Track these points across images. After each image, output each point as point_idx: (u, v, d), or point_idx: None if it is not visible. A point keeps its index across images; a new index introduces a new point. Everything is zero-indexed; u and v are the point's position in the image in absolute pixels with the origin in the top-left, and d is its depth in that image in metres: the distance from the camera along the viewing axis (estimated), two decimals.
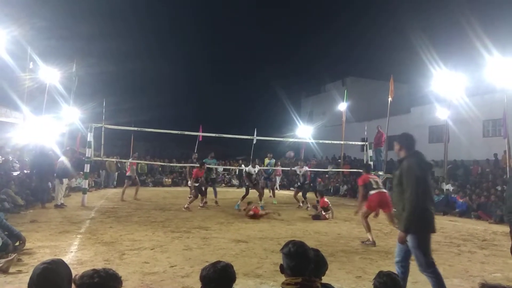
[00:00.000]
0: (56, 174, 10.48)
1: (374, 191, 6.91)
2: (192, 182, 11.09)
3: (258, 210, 9.67)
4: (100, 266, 1.99)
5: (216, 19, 60.59)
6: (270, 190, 13.70)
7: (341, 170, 18.96)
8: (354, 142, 18.29)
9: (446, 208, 12.16)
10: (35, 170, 11.00)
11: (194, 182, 10.96)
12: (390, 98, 15.41)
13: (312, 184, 13.30)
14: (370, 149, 14.88)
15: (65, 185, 10.87)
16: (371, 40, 55.35)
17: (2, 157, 12.48)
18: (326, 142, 18.36)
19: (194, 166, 11.86)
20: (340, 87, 28.63)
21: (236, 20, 60.64)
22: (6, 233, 5.18)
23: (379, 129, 16.18)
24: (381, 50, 51.38)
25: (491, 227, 9.45)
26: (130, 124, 18.93)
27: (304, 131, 23.76)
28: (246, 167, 11.80)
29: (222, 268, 2.03)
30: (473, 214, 11.28)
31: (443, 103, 16.45)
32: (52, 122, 15.83)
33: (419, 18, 44.85)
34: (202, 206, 11.10)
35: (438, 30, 40.16)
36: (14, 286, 3.93)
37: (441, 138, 17.61)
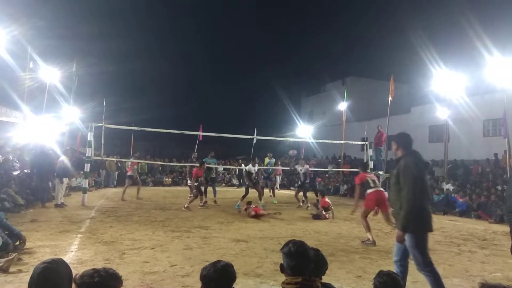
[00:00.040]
0: (56, 174, 10.49)
1: (371, 190, 6.92)
2: (192, 182, 11.10)
3: (260, 209, 9.68)
4: (100, 266, 1.99)
5: (216, 19, 60.70)
6: (270, 190, 13.72)
7: (341, 169, 18.95)
8: (354, 142, 18.30)
9: (446, 207, 12.16)
10: (35, 170, 11.00)
11: (194, 182, 10.98)
12: (390, 98, 15.40)
13: (311, 183, 13.28)
14: (370, 148, 14.87)
15: (65, 184, 10.87)
16: (371, 40, 55.47)
17: (2, 156, 12.48)
18: (326, 141, 18.38)
19: (194, 166, 11.87)
20: (340, 87, 28.63)
21: (236, 20, 60.74)
22: (7, 232, 5.19)
23: (379, 128, 16.16)
24: (381, 50, 51.53)
25: (491, 227, 9.45)
26: (130, 123, 18.98)
27: (304, 131, 23.77)
28: (246, 166, 11.81)
29: (222, 267, 2.03)
30: (473, 214, 11.28)
31: (443, 103, 16.46)
32: (52, 121, 15.84)
33: (419, 18, 44.89)
34: (202, 205, 11.11)
35: (438, 30, 40.21)
36: (14, 285, 3.94)
37: (441, 137, 17.61)
